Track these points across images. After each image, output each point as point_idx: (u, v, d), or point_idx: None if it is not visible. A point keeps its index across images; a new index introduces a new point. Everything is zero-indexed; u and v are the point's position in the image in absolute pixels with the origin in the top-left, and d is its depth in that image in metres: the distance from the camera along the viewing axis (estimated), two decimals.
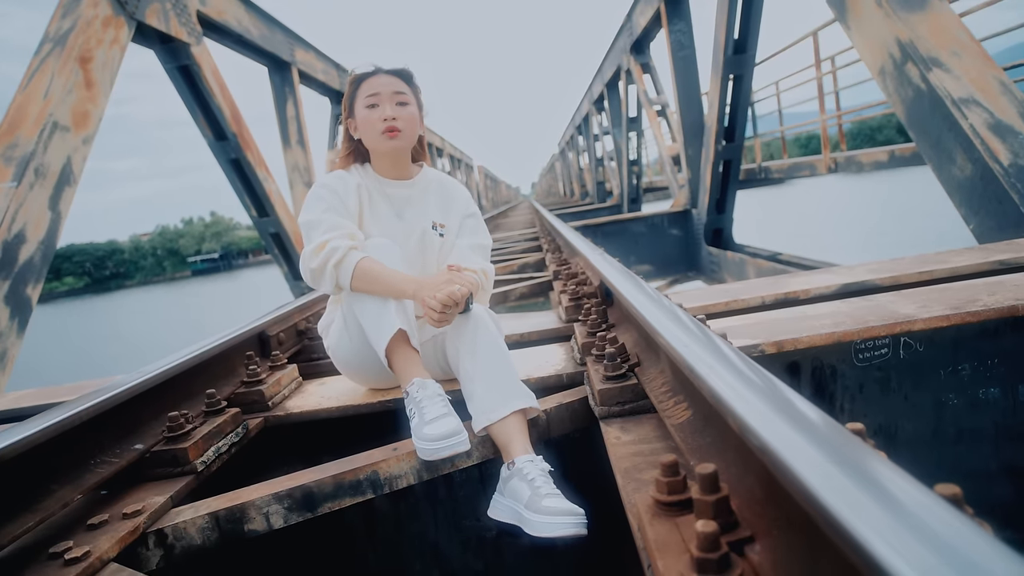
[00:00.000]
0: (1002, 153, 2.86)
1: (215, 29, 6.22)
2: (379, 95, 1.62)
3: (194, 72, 5.63)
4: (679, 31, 7.40)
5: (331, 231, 1.53)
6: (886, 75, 3.41)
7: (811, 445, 0.58)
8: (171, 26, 5.27)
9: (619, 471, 1.03)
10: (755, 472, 0.72)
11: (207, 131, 6.05)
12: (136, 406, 1.42)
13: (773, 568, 0.61)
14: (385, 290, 1.47)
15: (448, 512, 1.83)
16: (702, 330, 1.09)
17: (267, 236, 6.93)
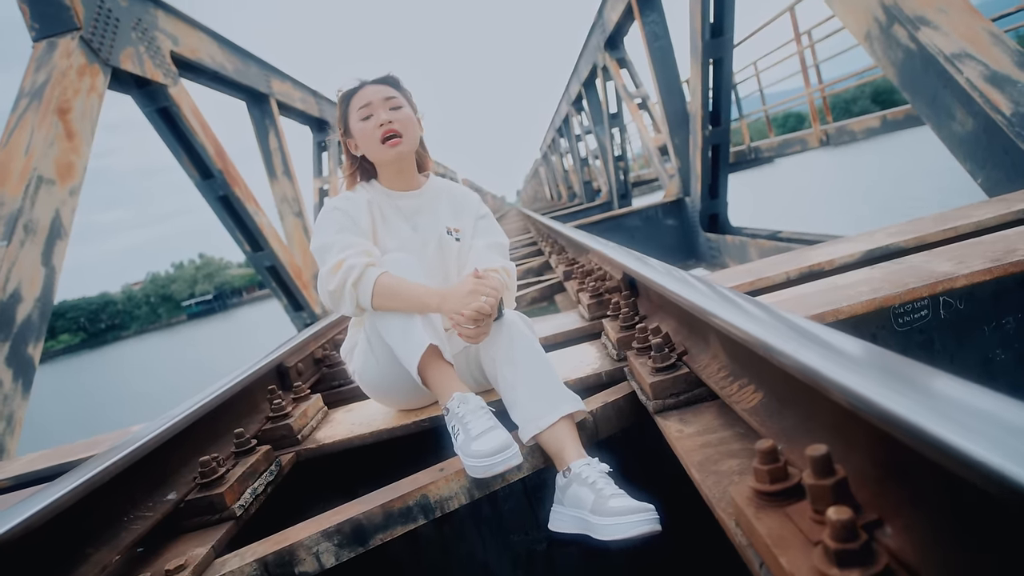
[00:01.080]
0: (1003, 103, 2.82)
1: (190, 68, 6.18)
2: (371, 104, 1.57)
3: (174, 113, 5.58)
4: (652, 22, 7.40)
5: (346, 250, 1.48)
6: (873, 39, 3.38)
7: (937, 413, 0.52)
8: (146, 69, 5.22)
9: (692, 465, 0.96)
10: (867, 448, 0.66)
11: (192, 171, 5.98)
12: (163, 455, 1.35)
13: (915, 552, 0.55)
14: (408, 305, 1.41)
15: (495, 529, 1.76)
16: (759, 304, 1.03)
17: (263, 270, 6.86)
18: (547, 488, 1.73)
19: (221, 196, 6.16)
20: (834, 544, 0.54)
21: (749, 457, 0.94)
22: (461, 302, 1.36)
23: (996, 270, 1.53)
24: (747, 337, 0.88)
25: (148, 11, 5.51)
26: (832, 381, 0.64)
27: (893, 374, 0.61)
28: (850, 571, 0.53)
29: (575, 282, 2.59)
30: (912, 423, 0.52)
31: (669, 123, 7.65)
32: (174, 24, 5.91)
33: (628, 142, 12.51)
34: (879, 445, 0.64)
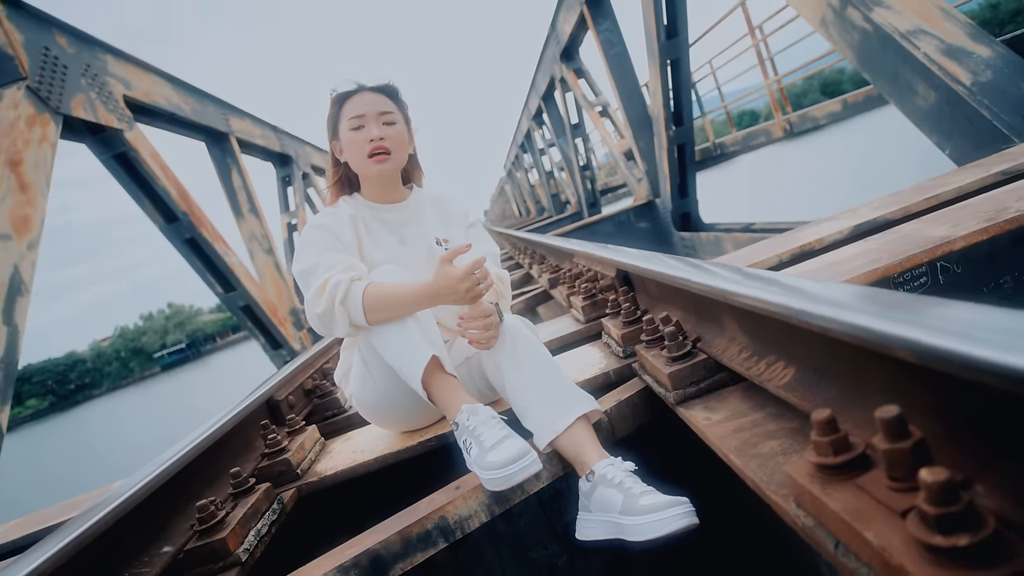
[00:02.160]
0: (962, 74, 2.87)
1: (145, 112, 6.05)
2: (364, 116, 1.51)
3: (132, 158, 5.44)
4: (606, 30, 7.48)
5: (329, 269, 1.40)
6: (828, 24, 3.43)
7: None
8: (99, 115, 5.08)
9: (729, 451, 0.91)
10: (935, 406, 0.61)
11: (156, 216, 5.83)
12: (154, 505, 1.25)
13: (1019, 509, 0.50)
14: (402, 308, 1.33)
15: (513, 547, 1.68)
16: (772, 278, 0.99)
17: (237, 311, 6.69)
18: (563, 498, 1.67)
19: (188, 239, 6.01)
20: (933, 509, 0.49)
21: (790, 436, 0.89)
22: (456, 287, 1.30)
23: (992, 229, 1.52)
24: (778, 308, 0.83)
25: (96, 56, 5.39)
26: (892, 336, 0.59)
27: (949, 319, 0.57)
28: (957, 537, 0.48)
29: (564, 287, 2.54)
30: (1001, 363, 0.47)
31: (632, 127, 7.70)
32: (125, 68, 5.78)
33: (592, 151, 12.59)
34: (951, 400, 0.59)
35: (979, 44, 2.95)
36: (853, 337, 0.66)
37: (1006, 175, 2.07)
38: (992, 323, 0.54)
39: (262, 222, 7.86)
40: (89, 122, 5.02)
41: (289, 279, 8.01)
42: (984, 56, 2.90)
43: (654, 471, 1.36)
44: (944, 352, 0.53)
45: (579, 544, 1.27)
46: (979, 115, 2.79)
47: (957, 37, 2.99)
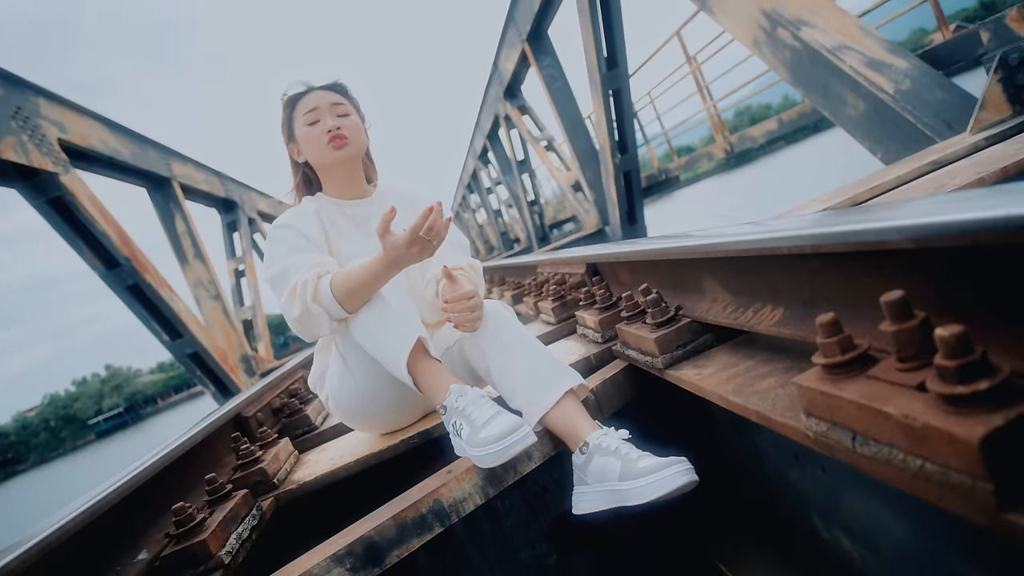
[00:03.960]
0: (885, 84, 3.09)
1: (82, 156, 5.87)
2: (317, 109, 1.51)
3: (69, 202, 5.24)
4: (548, 66, 7.73)
5: (296, 272, 1.38)
6: (761, 44, 3.65)
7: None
8: (32, 158, 4.90)
9: (727, 394, 0.92)
10: (932, 289, 0.64)
11: (95, 262, 5.60)
12: (122, 514, 1.17)
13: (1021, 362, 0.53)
14: (370, 285, 1.31)
15: (500, 549, 1.63)
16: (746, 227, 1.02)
17: (185, 359, 6.43)
18: (549, 495, 1.64)
19: (130, 285, 5.78)
20: (952, 362, 0.51)
21: (784, 373, 0.91)
22: (408, 251, 1.28)
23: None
24: (764, 242, 0.86)
25: (28, 99, 5.22)
26: (887, 228, 0.62)
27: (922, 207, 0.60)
28: (977, 383, 0.49)
29: (531, 297, 2.55)
30: (999, 216, 0.50)
31: (579, 159, 7.92)
32: (59, 111, 5.62)
33: (539, 186, 12.83)
34: (943, 281, 0.62)
35: (897, 57, 3.19)
36: (848, 244, 0.69)
37: (937, 164, 2.22)
38: (966, 201, 0.57)
39: (209, 268, 7.64)
40: (21, 165, 4.83)
41: (239, 326, 7.77)
42: (902, 67, 3.13)
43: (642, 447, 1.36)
44: (941, 225, 0.56)
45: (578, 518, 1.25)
46: (904, 120, 3.00)
47: (877, 52, 3.23)
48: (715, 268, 1.13)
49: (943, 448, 0.51)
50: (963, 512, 0.51)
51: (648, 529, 1.58)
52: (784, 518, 1.25)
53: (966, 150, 2.19)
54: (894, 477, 0.58)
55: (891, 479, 0.59)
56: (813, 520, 1.14)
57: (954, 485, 0.51)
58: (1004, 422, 0.47)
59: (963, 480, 0.50)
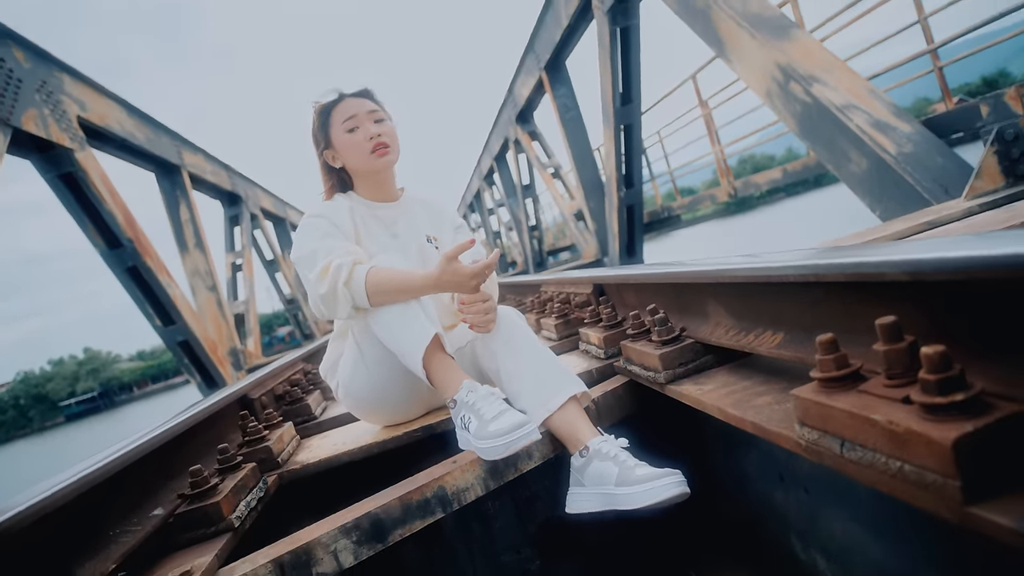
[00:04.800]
0: (888, 145, 3.23)
1: (98, 136, 5.93)
2: (356, 116, 1.58)
3: (80, 179, 5.29)
4: (563, 95, 7.91)
5: (331, 253, 1.44)
6: (773, 96, 3.80)
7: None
8: (51, 132, 4.96)
9: (726, 407, 1.00)
10: (926, 318, 0.72)
11: (98, 240, 5.63)
12: (138, 473, 1.22)
13: (1000, 381, 0.61)
14: (404, 293, 1.38)
15: (486, 550, 1.68)
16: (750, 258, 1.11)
17: (175, 346, 6.42)
18: (540, 501, 1.70)
19: (130, 267, 5.80)
20: (934, 376, 0.59)
21: (780, 392, 0.99)
22: (466, 284, 1.36)
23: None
24: (769, 271, 0.94)
25: (53, 74, 5.30)
26: (888, 262, 0.71)
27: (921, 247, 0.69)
28: (954, 395, 0.57)
29: (532, 314, 2.62)
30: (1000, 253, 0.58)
31: (584, 188, 8.06)
32: (81, 89, 5.70)
33: (541, 212, 12.98)
34: (934, 309, 0.71)
35: (902, 121, 3.33)
36: (849, 274, 0.78)
37: (931, 224, 2.33)
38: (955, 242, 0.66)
39: (208, 258, 7.67)
40: (39, 138, 4.89)
41: (231, 319, 7.78)
42: (906, 131, 3.28)
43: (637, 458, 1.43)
44: (934, 261, 0.65)
45: (563, 527, 1.31)
46: (904, 181, 3.13)
47: (883, 113, 3.37)
48: (719, 293, 1.22)
49: (921, 450, 0.59)
50: (933, 509, 0.59)
51: (630, 541, 1.64)
52: (764, 538, 1.32)
53: (960, 214, 2.30)
54: (875, 479, 0.66)
55: (872, 481, 0.67)
56: (792, 541, 1.21)
57: (928, 483, 0.59)
58: (974, 428, 0.55)
59: (936, 479, 0.57)
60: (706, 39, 4.25)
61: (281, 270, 12.01)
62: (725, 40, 4.06)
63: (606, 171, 6.95)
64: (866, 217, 3.54)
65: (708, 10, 4.09)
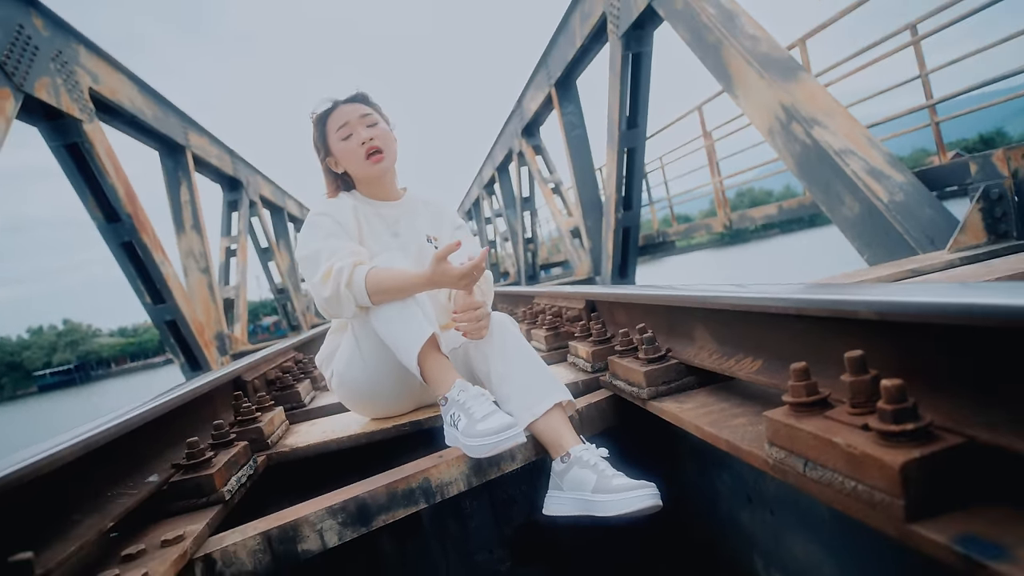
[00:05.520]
0: (881, 193, 3.33)
1: (107, 109, 5.98)
2: (349, 124, 1.64)
3: (86, 150, 5.32)
4: (570, 113, 8.03)
5: (333, 255, 1.50)
6: (775, 134, 3.90)
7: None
8: (62, 101, 5.00)
9: (702, 425, 1.06)
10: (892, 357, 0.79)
11: (97, 213, 5.65)
12: (137, 441, 1.27)
13: (948, 418, 0.68)
14: (402, 292, 1.44)
15: (460, 548, 1.73)
16: (739, 288, 1.18)
17: (162, 325, 6.43)
18: (516, 505, 1.76)
19: (126, 242, 5.82)
20: (891, 406, 0.65)
21: (754, 415, 1.05)
22: (455, 283, 1.41)
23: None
24: (753, 301, 1.01)
25: (70, 45, 5.35)
26: (859, 301, 0.78)
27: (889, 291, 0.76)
28: (906, 424, 0.64)
29: (524, 325, 2.68)
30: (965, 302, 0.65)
31: (583, 206, 8.16)
32: (95, 62, 5.74)
33: (539, 225, 13.08)
34: (898, 347, 0.77)
35: (896, 171, 3.44)
36: (828, 310, 0.85)
37: (915, 273, 2.42)
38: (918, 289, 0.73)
39: (204, 241, 7.69)
40: (49, 106, 4.93)
41: (220, 303, 7.79)
42: (899, 181, 3.38)
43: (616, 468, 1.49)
44: (898, 304, 0.71)
45: (537, 532, 1.36)
46: (893, 228, 3.23)
47: (878, 162, 3.48)
48: (706, 318, 1.29)
49: (873, 472, 0.65)
50: (880, 526, 0.65)
51: (600, 552, 1.69)
52: (728, 557, 1.38)
53: (942, 265, 2.39)
54: (832, 497, 0.73)
55: (830, 499, 0.73)
56: (755, 560, 1.27)
57: (876, 502, 0.65)
58: (920, 455, 0.62)
59: (884, 498, 0.64)
60: (715, 73, 4.36)
61: (275, 259, 12.02)
62: (734, 76, 4.17)
63: (606, 191, 7.05)
64: (854, 260, 3.64)
65: (720, 46, 4.20)
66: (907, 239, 3.17)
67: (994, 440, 0.61)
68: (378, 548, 1.64)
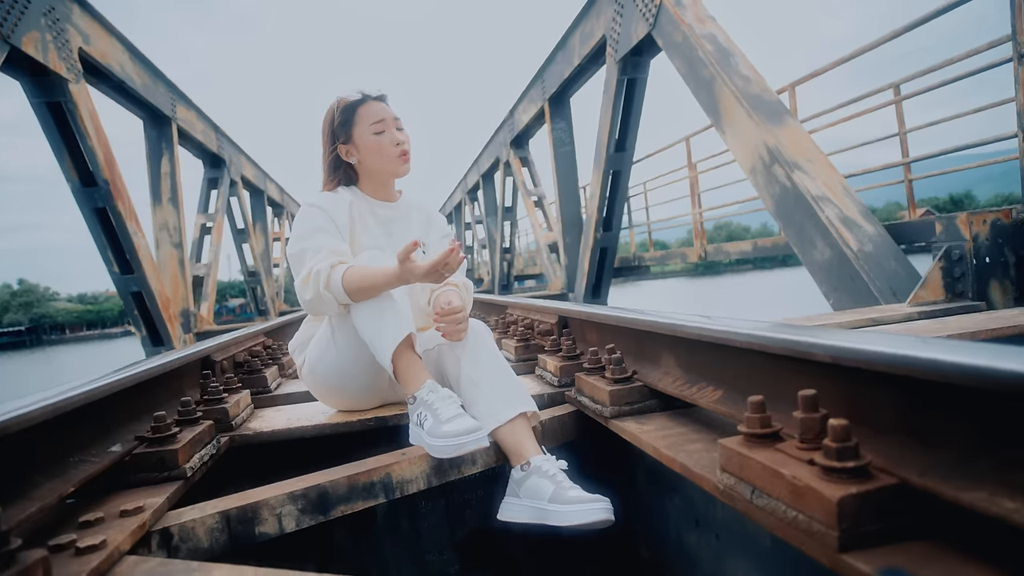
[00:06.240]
0: (851, 241, 3.46)
1: (95, 72, 5.87)
2: (385, 121, 1.67)
3: (69, 111, 5.22)
4: (560, 129, 8.12)
5: (314, 256, 1.53)
6: (757, 173, 4.02)
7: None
8: (49, 58, 4.90)
9: (659, 447, 1.11)
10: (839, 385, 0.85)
11: (73, 175, 5.54)
12: (102, 410, 1.27)
13: (886, 460, 0.73)
14: (377, 288, 1.46)
15: (411, 547, 1.75)
16: (707, 318, 1.23)
17: (127, 296, 6.31)
18: (470, 509, 1.78)
19: (99, 208, 5.71)
20: (835, 444, 0.71)
21: (710, 442, 1.10)
22: (422, 279, 1.43)
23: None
24: (719, 333, 1.06)
25: (64, 2, 5.25)
26: (814, 343, 0.83)
27: (844, 336, 0.82)
28: (847, 462, 0.69)
29: (496, 334, 2.72)
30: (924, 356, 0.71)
31: (563, 222, 8.24)
32: (88, 22, 5.64)
33: (517, 236, 13.14)
34: (846, 389, 0.83)
35: (867, 222, 3.57)
36: (788, 350, 0.90)
37: (875, 322, 2.52)
38: (869, 338, 0.79)
39: (180, 215, 7.57)
40: (35, 61, 4.82)
41: (190, 280, 7.67)
42: (869, 232, 3.51)
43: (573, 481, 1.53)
44: (848, 349, 0.77)
45: (488, 538, 1.39)
46: (860, 277, 3.35)
47: (852, 211, 3.61)
48: (675, 346, 1.34)
49: (813, 503, 0.70)
50: (814, 554, 0.70)
51: (548, 563, 1.73)
52: (673, 575, 1.43)
53: (900, 317, 2.50)
54: (775, 525, 0.77)
55: (773, 527, 0.78)
56: None
57: (814, 532, 0.70)
58: (856, 491, 0.67)
59: (820, 528, 0.69)
60: (706, 108, 4.48)
61: (249, 241, 11.86)
62: (723, 112, 4.29)
63: (588, 210, 7.14)
64: (820, 303, 3.76)
65: (713, 82, 4.32)
66: (871, 288, 3.29)
67: (924, 484, 0.67)
68: (332, 539, 1.65)
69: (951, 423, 0.68)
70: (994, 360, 0.57)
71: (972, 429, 0.65)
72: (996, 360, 0.57)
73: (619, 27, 5.72)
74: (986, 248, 2.75)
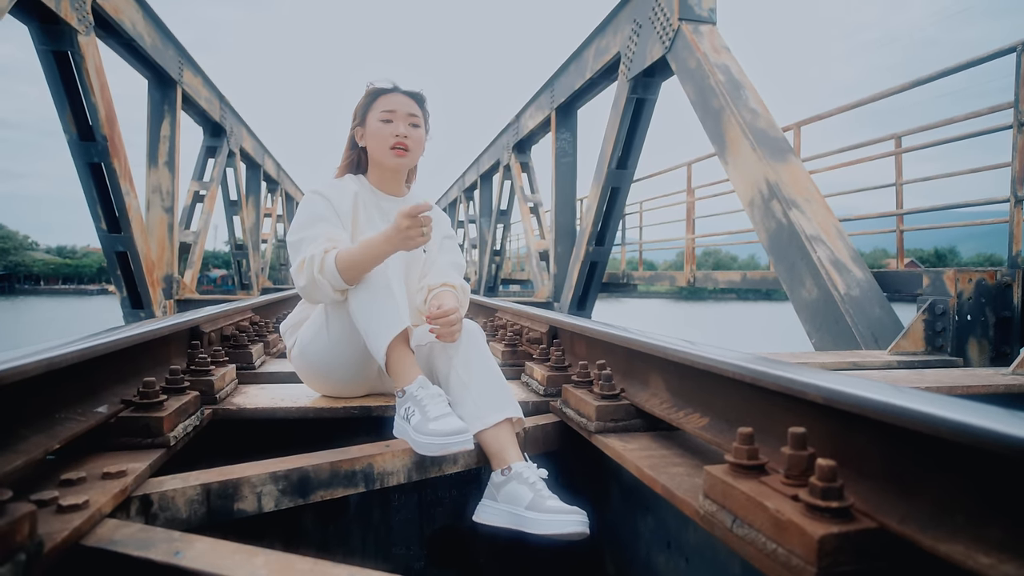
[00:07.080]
0: (839, 283, 3.52)
1: (106, 27, 5.81)
2: (395, 112, 1.69)
3: (76, 62, 5.16)
4: (564, 139, 8.16)
5: (310, 244, 1.54)
6: (754, 207, 4.08)
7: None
8: (61, 7, 4.84)
9: (643, 467, 1.13)
10: (832, 441, 0.87)
11: (71, 128, 5.47)
12: (93, 369, 1.26)
13: (867, 504, 0.75)
14: (368, 260, 1.46)
15: (381, 538, 1.76)
16: (695, 344, 1.25)
17: (111, 255, 6.22)
18: (442, 508, 1.79)
19: (95, 163, 5.64)
20: (821, 483, 0.73)
21: (693, 467, 1.13)
22: (400, 228, 1.42)
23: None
24: (704, 360, 1.09)
25: None
26: (802, 382, 0.86)
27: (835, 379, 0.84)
28: (831, 502, 0.72)
29: None
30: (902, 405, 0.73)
31: (557, 232, 8.27)
32: None
33: (509, 240, 13.15)
34: (840, 433, 0.85)
35: (857, 266, 3.63)
36: (780, 386, 0.93)
37: (855, 366, 2.57)
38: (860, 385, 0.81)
39: (174, 180, 7.50)
40: (47, 8, 4.76)
41: (177, 246, 7.59)
42: (857, 277, 3.57)
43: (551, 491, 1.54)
44: (842, 394, 0.79)
45: (456, 540, 1.40)
46: (844, 319, 3.41)
47: (843, 254, 3.68)
48: (664, 368, 1.36)
49: (794, 538, 0.72)
50: None
51: (513, 569, 1.74)
52: None
53: (880, 364, 2.55)
54: (753, 555, 0.79)
55: (750, 556, 0.80)
56: None
57: (792, 566, 0.72)
58: (838, 531, 0.69)
59: (799, 563, 0.71)
60: (711, 137, 4.53)
61: (240, 214, 11.76)
62: (728, 144, 4.35)
63: (583, 223, 7.18)
64: (800, 340, 3.82)
65: (721, 112, 4.38)
66: (854, 332, 3.35)
67: (903, 531, 0.69)
68: (299, 523, 1.65)
69: (934, 475, 0.70)
70: (986, 420, 0.60)
71: (952, 484, 0.68)
72: (988, 420, 0.60)
73: (635, 46, 5.77)
74: (969, 306, 2.82)
